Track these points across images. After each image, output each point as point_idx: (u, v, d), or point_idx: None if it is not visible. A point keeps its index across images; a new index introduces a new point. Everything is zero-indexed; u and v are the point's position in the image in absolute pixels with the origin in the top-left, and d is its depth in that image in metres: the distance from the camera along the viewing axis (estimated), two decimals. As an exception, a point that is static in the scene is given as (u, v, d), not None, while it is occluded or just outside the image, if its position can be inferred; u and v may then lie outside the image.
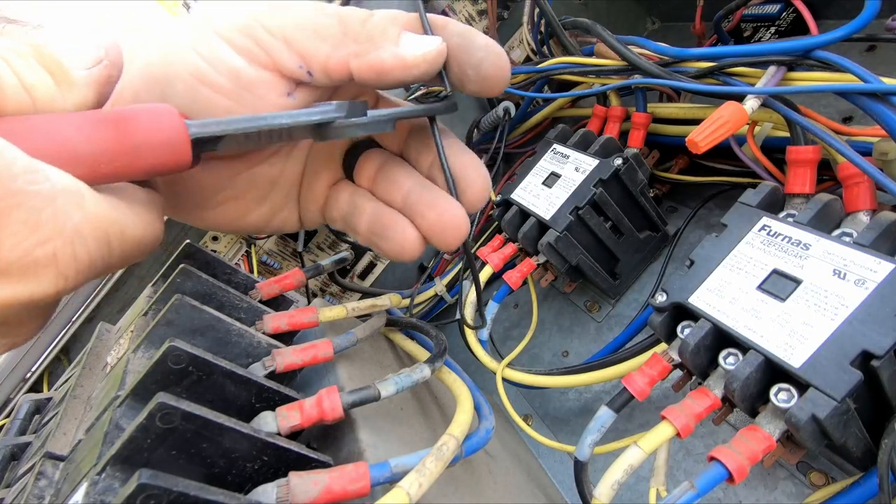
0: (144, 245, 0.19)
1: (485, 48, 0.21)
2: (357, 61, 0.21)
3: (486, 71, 0.21)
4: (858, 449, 0.24)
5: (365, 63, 0.20)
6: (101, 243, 0.17)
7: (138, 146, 0.17)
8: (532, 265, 0.42)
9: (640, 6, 0.68)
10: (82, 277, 0.17)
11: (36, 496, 0.22)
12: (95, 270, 0.17)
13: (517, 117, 0.56)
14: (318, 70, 0.21)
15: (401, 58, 0.20)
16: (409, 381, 0.26)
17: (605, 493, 0.25)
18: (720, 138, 0.30)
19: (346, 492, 0.20)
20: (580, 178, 0.40)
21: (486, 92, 0.22)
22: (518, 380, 0.38)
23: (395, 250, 0.23)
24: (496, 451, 0.36)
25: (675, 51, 0.36)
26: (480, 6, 0.58)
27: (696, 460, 0.35)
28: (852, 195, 0.28)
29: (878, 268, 0.23)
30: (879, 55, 0.44)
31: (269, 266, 0.55)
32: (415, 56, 0.20)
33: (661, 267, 0.44)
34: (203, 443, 0.19)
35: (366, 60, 0.20)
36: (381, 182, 0.24)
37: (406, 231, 0.23)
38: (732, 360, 0.26)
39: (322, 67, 0.21)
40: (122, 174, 0.18)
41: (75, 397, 0.29)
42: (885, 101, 0.26)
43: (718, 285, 0.28)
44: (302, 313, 0.30)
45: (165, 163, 0.18)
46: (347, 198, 0.25)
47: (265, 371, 0.26)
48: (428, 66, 0.21)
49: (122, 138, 0.17)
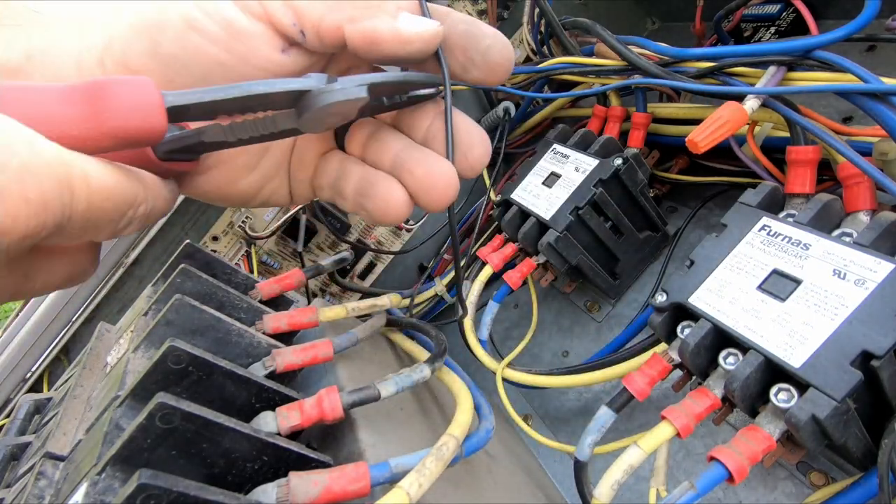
0: (117, 199, 0.18)
1: (492, 36, 0.21)
2: (351, 27, 0.21)
3: (494, 58, 0.21)
4: (858, 449, 0.24)
5: (359, 30, 0.20)
6: (59, 186, 0.16)
7: (111, 116, 0.17)
8: (532, 265, 0.42)
9: (640, 6, 0.68)
10: (39, 220, 0.16)
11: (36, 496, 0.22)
12: (55, 216, 0.16)
13: (517, 117, 0.56)
14: (310, 30, 0.21)
15: (396, 30, 0.20)
16: (409, 381, 0.27)
17: (605, 493, 0.25)
18: (720, 138, 0.30)
19: (346, 492, 0.20)
20: (580, 178, 0.40)
21: (489, 80, 0.22)
22: (518, 380, 0.38)
23: (380, 209, 0.23)
24: (496, 451, 0.36)
25: (675, 51, 0.36)
26: (480, 6, 0.58)
27: (696, 460, 0.35)
28: (852, 195, 0.28)
29: (878, 268, 0.23)
30: (879, 55, 0.44)
31: (269, 266, 0.55)
32: (410, 32, 0.20)
33: (661, 267, 0.44)
34: (203, 443, 0.19)
35: (360, 27, 0.20)
36: (371, 147, 0.24)
37: (392, 189, 0.23)
38: (732, 360, 0.26)
39: (315, 28, 0.21)
40: (95, 144, 0.18)
41: (75, 397, 0.29)
42: (885, 101, 0.26)
43: (718, 285, 0.28)
44: (302, 313, 0.30)
45: (139, 134, 0.18)
46: (337, 164, 0.25)
47: (265, 371, 0.26)
48: (423, 44, 0.21)
49: (95, 109, 0.17)
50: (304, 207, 0.53)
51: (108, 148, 0.18)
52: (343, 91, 0.20)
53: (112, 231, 0.20)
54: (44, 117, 0.17)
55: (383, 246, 0.61)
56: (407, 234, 0.62)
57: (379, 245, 0.60)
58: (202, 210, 0.51)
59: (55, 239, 0.17)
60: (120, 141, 0.18)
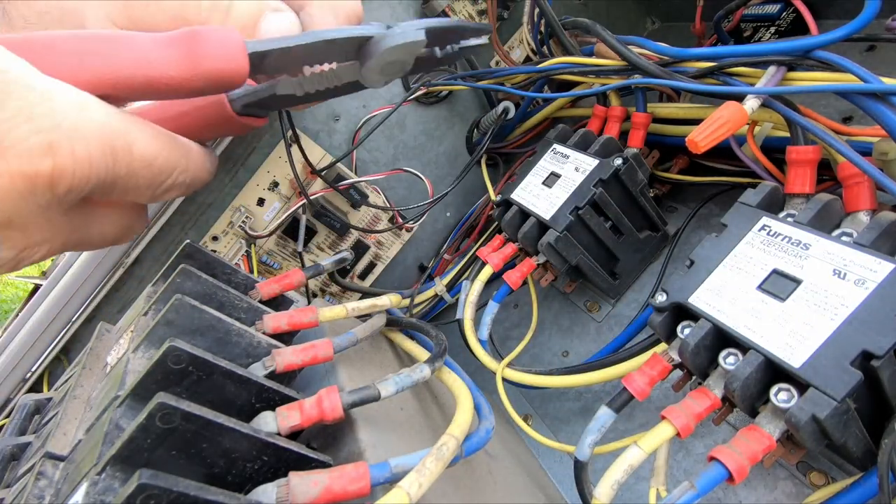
0: (156, 168, 0.20)
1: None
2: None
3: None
4: (858, 449, 0.24)
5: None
6: (104, 148, 0.18)
7: (205, 57, 0.20)
8: (532, 265, 0.42)
9: (640, 6, 0.68)
10: (83, 177, 0.18)
11: (36, 496, 0.22)
12: (99, 175, 0.19)
13: (517, 117, 0.56)
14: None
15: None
16: (409, 381, 0.27)
17: (605, 493, 0.25)
18: (720, 138, 0.30)
19: (346, 492, 0.20)
20: (580, 178, 0.40)
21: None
22: (518, 380, 0.38)
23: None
24: (496, 451, 0.36)
25: (675, 51, 0.36)
26: (480, 6, 0.58)
27: (696, 460, 0.35)
28: (852, 195, 0.28)
29: (878, 268, 0.23)
30: (879, 55, 0.44)
31: (269, 266, 0.55)
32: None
33: (661, 267, 0.44)
34: (203, 443, 0.19)
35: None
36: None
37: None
38: (732, 360, 0.26)
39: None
40: (190, 85, 0.20)
41: (75, 397, 0.29)
42: (885, 101, 0.26)
43: (718, 285, 0.28)
44: (302, 313, 0.30)
45: (227, 75, 0.21)
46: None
47: (265, 371, 0.26)
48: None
49: (191, 53, 0.20)
50: (305, 207, 0.53)
51: (201, 90, 0.21)
52: (403, 34, 0.23)
53: (151, 195, 0.22)
54: (145, 62, 0.19)
55: (383, 246, 0.61)
56: (407, 234, 0.62)
57: (379, 245, 0.60)
58: (202, 210, 0.51)
59: (101, 195, 0.20)
60: (211, 82, 0.21)
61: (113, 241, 0.23)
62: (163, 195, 0.22)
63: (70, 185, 0.18)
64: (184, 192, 0.23)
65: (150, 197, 0.22)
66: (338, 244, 0.58)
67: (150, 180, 0.21)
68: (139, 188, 0.21)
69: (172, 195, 0.23)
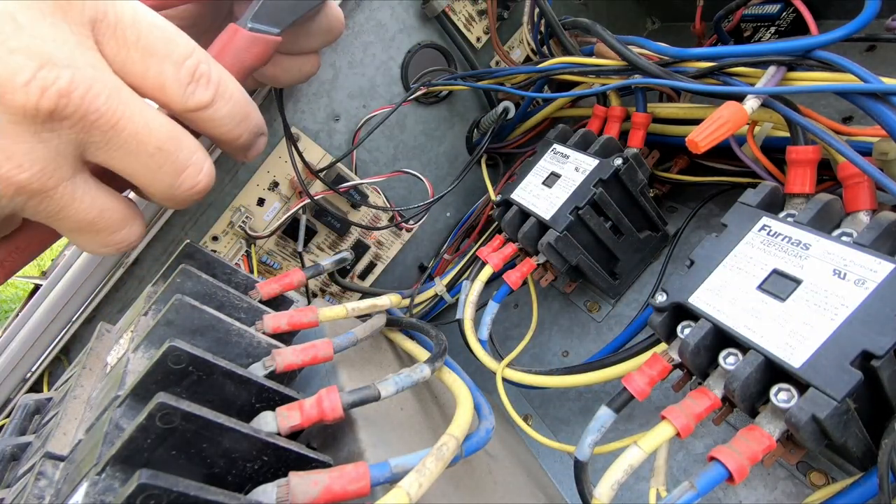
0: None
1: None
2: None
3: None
4: (858, 449, 0.24)
5: None
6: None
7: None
8: (532, 265, 0.42)
9: (640, 6, 0.68)
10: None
11: (36, 496, 0.22)
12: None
13: (517, 117, 0.56)
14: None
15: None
16: (409, 381, 0.27)
17: (605, 493, 0.25)
18: (720, 138, 0.30)
19: (346, 492, 0.20)
20: (580, 178, 0.40)
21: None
22: (518, 380, 0.38)
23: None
24: (496, 451, 0.36)
25: (675, 51, 0.36)
26: (480, 6, 0.58)
27: (696, 460, 0.35)
28: (852, 195, 0.28)
29: (878, 268, 0.23)
30: (879, 55, 0.44)
31: (269, 266, 0.55)
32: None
33: (661, 267, 0.44)
34: (203, 443, 0.19)
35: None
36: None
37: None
38: (732, 360, 0.26)
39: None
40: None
41: (75, 397, 0.29)
42: (885, 101, 0.26)
43: (718, 285, 0.28)
44: (302, 313, 0.30)
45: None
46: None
47: (265, 371, 0.26)
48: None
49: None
50: (305, 207, 0.53)
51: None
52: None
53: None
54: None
55: (383, 246, 0.61)
56: (407, 234, 0.62)
57: (379, 245, 0.60)
58: (202, 210, 0.51)
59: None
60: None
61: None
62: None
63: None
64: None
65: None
66: (338, 244, 0.58)
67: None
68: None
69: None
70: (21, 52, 0.19)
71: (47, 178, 0.21)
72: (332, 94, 0.53)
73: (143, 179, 0.24)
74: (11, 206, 0.21)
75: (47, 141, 0.20)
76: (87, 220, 0.23)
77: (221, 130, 0.27)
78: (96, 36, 0.22)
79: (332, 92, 0.53)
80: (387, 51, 0.54)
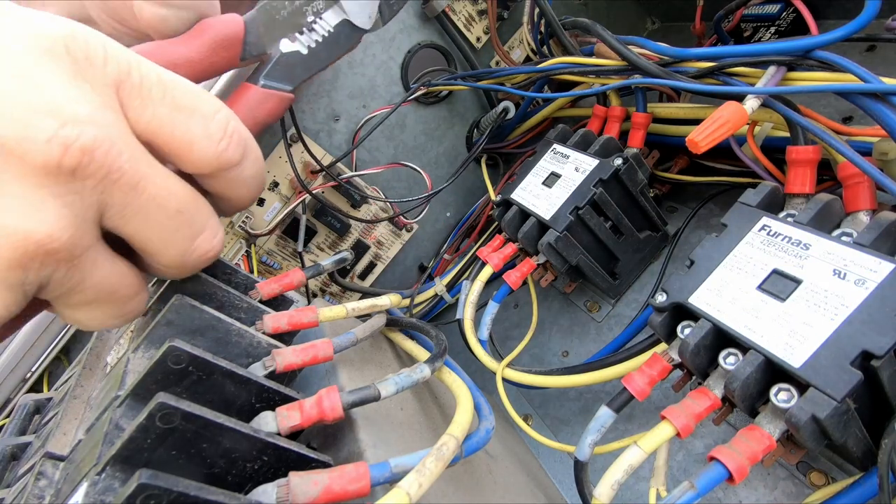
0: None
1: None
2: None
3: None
4: (858, 449, 0.24)
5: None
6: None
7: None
8: (532, 265, 0.42)
9: (640, 6, 0.68)
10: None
11: (36, 496, 0.22)
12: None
13: (517, 117, 0.56)
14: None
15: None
16: (409, 381, 0.26)
17: (605, 493, 0.25)
18: (720, 138, 0.30)
19: (346, 492, 0.20)
20: (580, 178, 0.40)
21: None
22: (518, 380, 0.38)
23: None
24: (496, 451, 0.36)
25: (675, 51, 0.36)
26: (480, 6, 0.58)
27: (696, 460, 0.35)
28: (852, 195, 0.28)
29: (878, 268, 0.23)
30: (879, 55, 0.44)
31: (269, 266, 0.55)
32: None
33: (661, 267, 0.44)
34: (203, 443, 0.19)
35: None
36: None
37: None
38: (732, 360, 0.26)
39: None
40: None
41: (75, 397, 0.29)
42: (885, 101, 0.26)
43: (718, 285, 0.28)
44: (302, 313, 0.30)
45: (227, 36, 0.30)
46: None
47: (265, 371, 0.26)
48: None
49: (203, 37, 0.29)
50: (305, 207, 0.53)
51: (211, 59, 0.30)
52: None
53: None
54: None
55: (383, 246, 0.61)
56: (407, 234, 0.62)
57: (379, 245, 0.60)
58: (202, 210, 0.51)
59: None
60: (217, 45, 0.29)
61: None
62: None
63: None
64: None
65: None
66: (338, 244, 0.58)
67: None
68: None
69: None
70: (42, 110, 0.18)
71: (75, 246, 0.20)
72: (332, 94, 0.53)
73: (157, 245, 0.23)
74: (39, 279, 0.20)
75: (72, 205, 0.19)
76: (106, 289, 0.22)
77: (242, 192, 0.25)
78: (121, 98, 0.21)
79: (332, 92, 0.53)
80: (387, 51, 0.54)
